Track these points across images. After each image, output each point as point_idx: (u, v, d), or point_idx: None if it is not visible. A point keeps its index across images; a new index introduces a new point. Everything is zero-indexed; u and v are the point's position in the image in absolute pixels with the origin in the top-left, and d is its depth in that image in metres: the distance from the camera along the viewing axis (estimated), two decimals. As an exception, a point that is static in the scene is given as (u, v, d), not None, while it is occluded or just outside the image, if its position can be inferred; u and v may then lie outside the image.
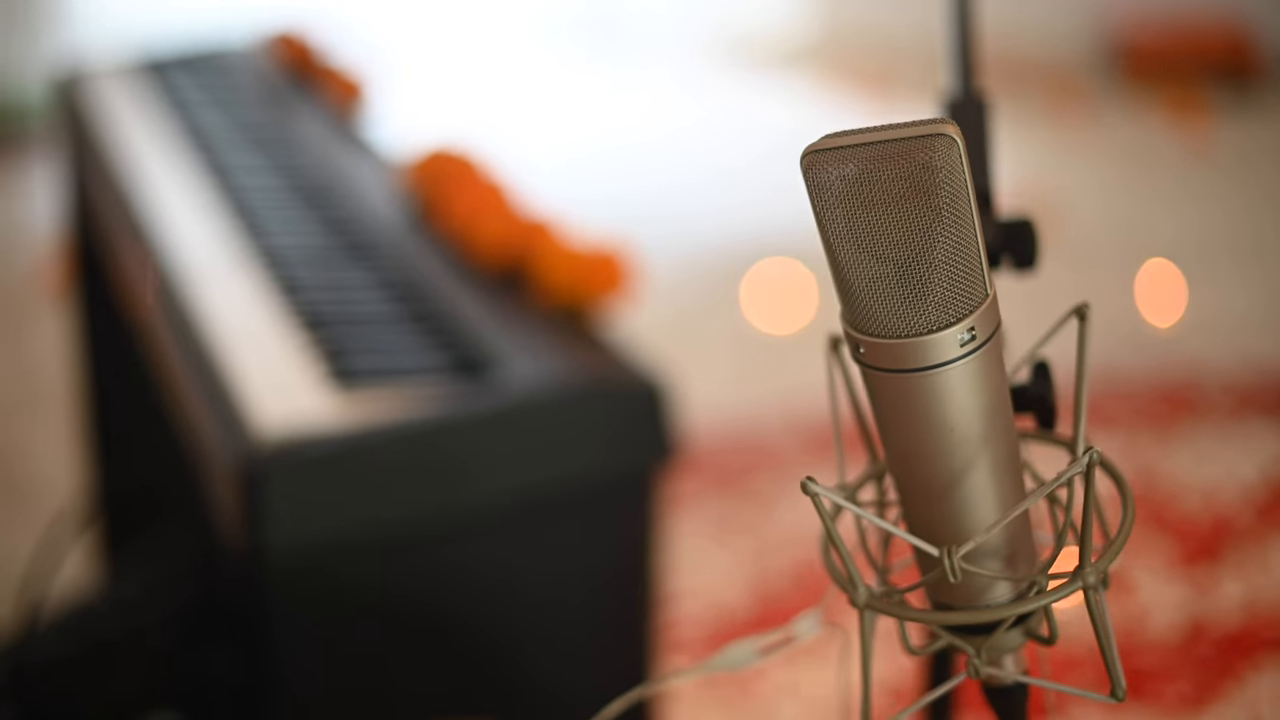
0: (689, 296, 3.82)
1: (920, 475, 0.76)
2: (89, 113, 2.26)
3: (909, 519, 0.79)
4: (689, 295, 3.83)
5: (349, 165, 2.04)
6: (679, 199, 4.38)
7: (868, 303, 0.71)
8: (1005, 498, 0.76)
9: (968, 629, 0.81)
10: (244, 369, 1.42)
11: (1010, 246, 0.94)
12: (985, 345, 0.72)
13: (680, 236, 4.16)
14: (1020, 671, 0.84)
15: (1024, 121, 5.21)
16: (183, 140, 2.13)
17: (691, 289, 3.87)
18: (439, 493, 1.33)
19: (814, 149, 0.70)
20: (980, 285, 0.70)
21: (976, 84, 1.06)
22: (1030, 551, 0.81)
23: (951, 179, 0.68)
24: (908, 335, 0.71)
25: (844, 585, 0.78)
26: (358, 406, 1.36)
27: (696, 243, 4.13)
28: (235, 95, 2.38)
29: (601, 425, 1.39)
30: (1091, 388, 3.24)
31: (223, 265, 1.68)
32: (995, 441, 0.75)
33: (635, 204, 4.46)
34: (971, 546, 0.74)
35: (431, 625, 1.36)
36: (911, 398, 0.73)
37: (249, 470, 1.28)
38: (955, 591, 0.79)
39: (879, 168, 0.68)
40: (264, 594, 1.30)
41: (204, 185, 1.94)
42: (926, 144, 0.67)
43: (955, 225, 0.68)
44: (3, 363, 3.50)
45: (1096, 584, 0.76)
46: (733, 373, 3.39)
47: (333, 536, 1.30)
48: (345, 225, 1.82)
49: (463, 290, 1.61)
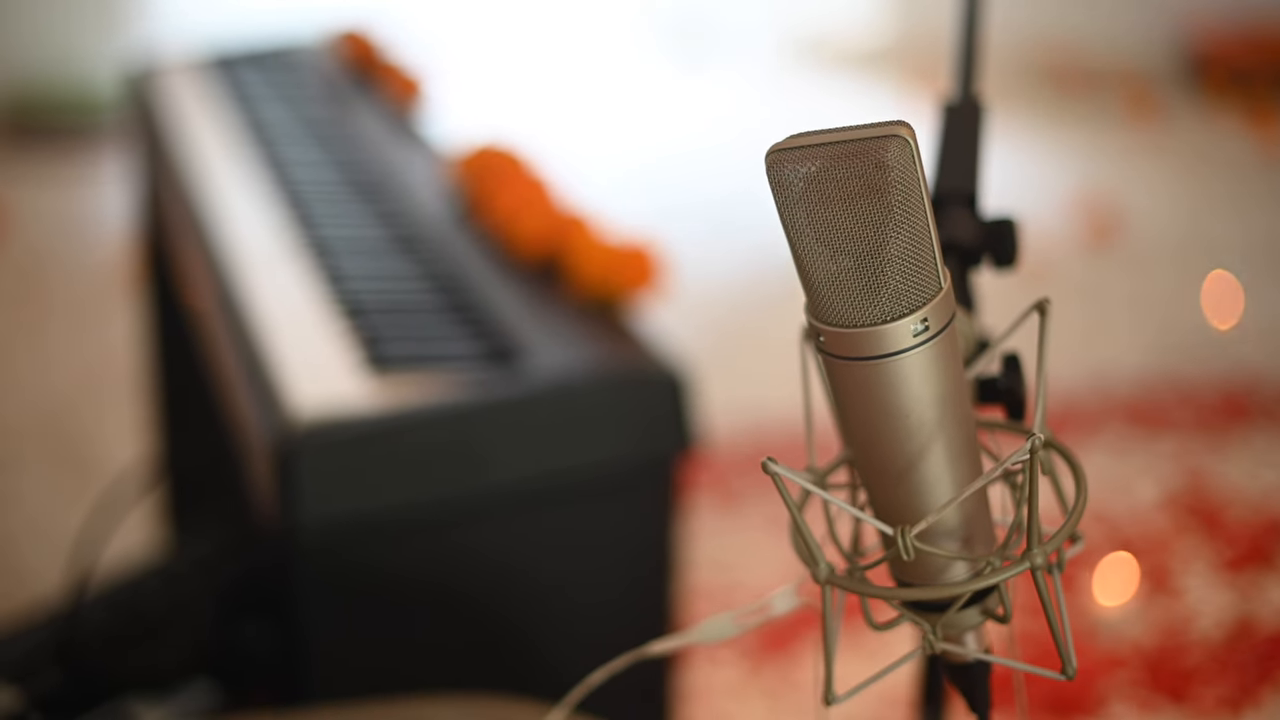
0: (756, 297, 3.87)
1: (879, 459, 0.80)
2: (158, 107, 2.34)
3: (872, 502, 0.83)
4: (756, 295, 3.88)
5: (404, 160, 2.11)
6: (747, 201, 4.43)
7: (827, 294, 0.75)
8: (961, 481, 0.80)
9: (925, 607, 0.85)
10: (284, 353, 1.48)
11: (991, 245, 0.98)
12: (938, 336, 0.76)
13: (749, 236, 4.21)
14: (981, 650, 0.88)
15: (1099, 126, 5.21)
16: (246, 134, 2.20)
17: (758, 290, 3.92)
18: (466, 475, 1.39)
19: (777, 148, 0.74)
20: (934, 279, 0.75)
21: (975, 88, 1.09)
22: (989, 534, 0.85)
23: (903, 178, 0.72)
24: (863, 325, 0.75)
25: (807, 561, 0.83)
26: (390, 391, 1.41)
27: (763, 244, 4.17)
28: (300, 91, 2.46)
29: (624, 414, 1.43)
30: (1150, 390, 3.25)
31: (274, 254, 1.74)
32: (950, 428, 0.79)
33: (707, 206, 4.51)
34: (924, 526, 0.78)
35: (456, 605, 1.41)
36: (868, 385, 0.77)
37: (282, 449, 1.33)
38: (914, 571, 0.83)
39: (836, 166, 0.72)
40: (294, 570, 1.36)
41: (263, 178, 2.01)
42: (880, 144, 0.72)
43: (907, 221, 0.73)
44: (77, 351, 3.60)
45: (1044, 565, 0.79)
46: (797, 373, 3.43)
47: (362, 515, 1.36)
48: (395, 218, 1.88)
49: (500, 282, 1.66)
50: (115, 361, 3.41)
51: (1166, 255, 4.11)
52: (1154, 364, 3.42)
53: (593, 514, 1.45)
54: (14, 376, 3.48)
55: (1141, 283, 3.92)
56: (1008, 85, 5.65)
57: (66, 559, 1.98)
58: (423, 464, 1.37)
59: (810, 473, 0.89)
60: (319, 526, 1.34)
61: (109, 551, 2.36)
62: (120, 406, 3.20)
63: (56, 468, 3.00)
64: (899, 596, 0.81)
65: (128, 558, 1.93)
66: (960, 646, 0.87)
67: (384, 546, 1.38)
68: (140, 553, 2.25)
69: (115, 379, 3.35)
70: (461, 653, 1.42)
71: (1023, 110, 5.42)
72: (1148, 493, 2.87)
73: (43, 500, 2.84)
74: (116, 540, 2.54)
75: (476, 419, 1.39)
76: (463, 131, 2.21)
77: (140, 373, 2.76)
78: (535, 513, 1.43)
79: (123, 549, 2.51)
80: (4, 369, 3.51)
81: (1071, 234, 4.25)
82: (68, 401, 3.34)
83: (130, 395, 3.13)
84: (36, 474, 2.99)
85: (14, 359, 3.57)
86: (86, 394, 3.37)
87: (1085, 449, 3.04)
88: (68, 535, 1.89)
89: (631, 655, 0.95)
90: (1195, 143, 5.10)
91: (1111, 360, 3.46)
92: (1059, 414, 3.19)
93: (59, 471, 2.98)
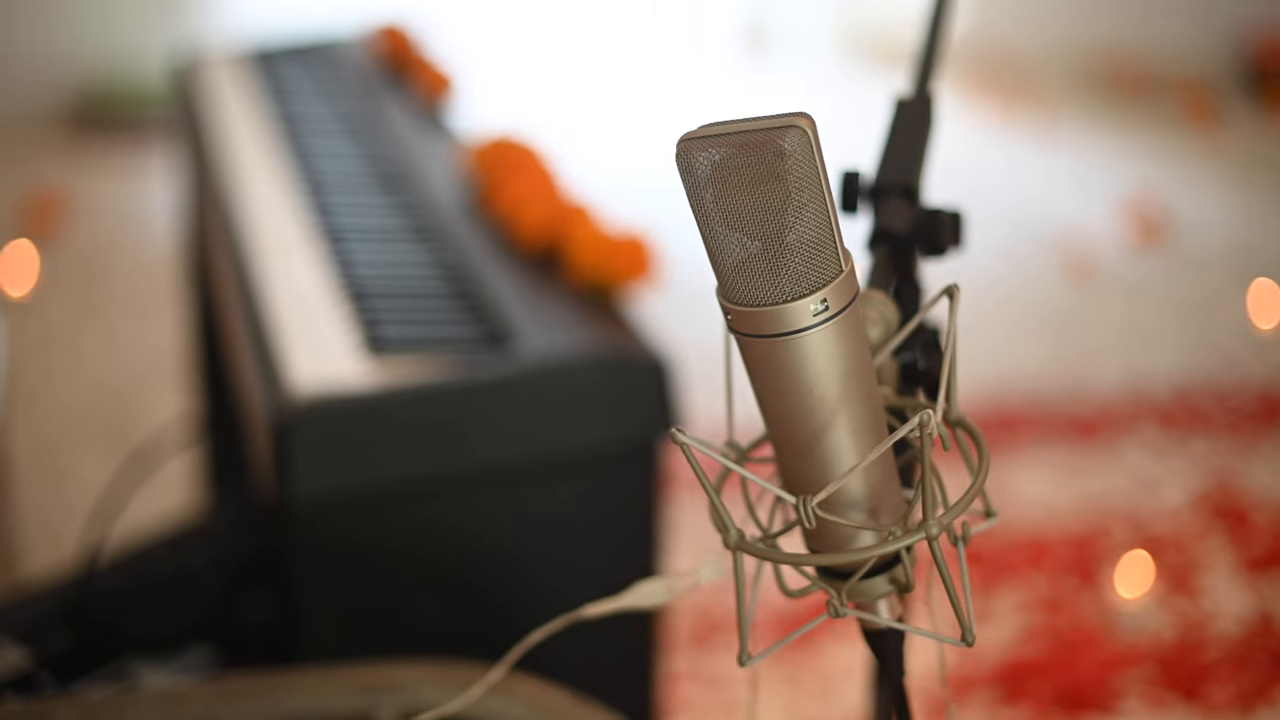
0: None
1: (787, 433, 0.84)
2: (200, 99, 2.41)
3: (785, 474, 0.87)
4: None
5: (427, 154, 2.17)
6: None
7: (733, 275, 0.80)
8: (865, 455, 0.84)
9: (836, 575, 0.89)
10: (289, 333, 1.55)
11: (924, 234, 1.02)
12: (838, 316, 0.80)
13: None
14: (895, 619, 0.92)
15: (1156, 131, 5.20)
16: (278, 126, 2.27)
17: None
18: (455, 453, 1.44)
19: (687, 137, 0.79)
20: (834, 262, 0.79)
21: (930, 86, 1.13)
22: (896, 506, 0.89)
23: (800, 165, 0.76)
24: (767, 304, 0.79)
25: (718, 528, 0.87)
26: (386, 371, 1.47)
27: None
28: (337, 85, 2.52)
29: (609, 397, 1.48)
30: (1187, 392, 3.26)
31: (289, 240, 1.81)
32: (852, 403, 0.83)
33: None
34: (824, 496, 0.83)
35: (443, 577, 1.47)
36: (772, 361, 0.81)
37: (279, 423, 1.40)
38: (824, 541, 0.87)
39: (740, 154, 0.77)
40: (289, 540, 1.42)
41: (289, 168, 2.08)
42: (780, 134, 0.76)
43: (806, 206, 0.77)
44: (134, 336, 3.70)
45: (938, 535, 0.83)
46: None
47: (354, 489, 1.42)
48: (412, 209, 1.94)
49: (502, 269, 1.72)
50: (171, 347, 3.50)
51: (1214, 260, 4.11)
52: (1193, 366, 3.43)
53: (578, 492, 1.50)
54: (74, 360, 3.58)
55: (1186, 286, 3.92)
56: (1070, 90, 5.65)
57: (85, 524, 2.06)
58: (413, 441, 1.43)
59: (730, 447, 0.93)
60: (312, 498, 1.40)
61: (147, 512, 2.45)
62: (173, 391, 3.29)
63: (110, 449, 3.09)
64: (799, 562, 0.85)
65: (167, 518, 2.00)
66: (873, 614, 0.91)
67: (375, 519, 1.44)
68: (179, 514, 2.33)
69: (170, 364, 3.44)
70: (447, 623, 1.47)
71: (1082, 114, 5.42)
72: (1178, 492, 2.88)
73: (95, 479, 2.92)
74: (157, 501, 2.64)
75: (465, 399, 1.44)
76: (489, 125, 2.27)
77: (188, 361, 2.83)
78: (521, 490, 1.48)
79: (163, 509, 2.60)
80: (65, 352, 3.61)
81: (1121, 235, 4.25)
82: (123, 385, 3.43)
83: (183, 380, 3.21)
84: (90, 454, 3.08)
85: (74, 343, 3.67)
86: (142, 378, 3.46)
87: (1119, 447, 3.05)
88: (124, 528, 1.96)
89: (568, 618, 0.99)
90: (1250, 150, 5.08)
91: (1151, 361, 3.47)
92: (1095, 411, 3.21)
93: (112, 452, 3.06)
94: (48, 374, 3.50)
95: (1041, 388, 3.35)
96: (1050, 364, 3.48)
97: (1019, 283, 4.01)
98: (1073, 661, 2.37)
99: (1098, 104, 5.51)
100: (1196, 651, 2.39)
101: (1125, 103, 5.50)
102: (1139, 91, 5.52)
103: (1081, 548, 2.69)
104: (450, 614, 1.47)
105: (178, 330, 3.42)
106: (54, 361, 3.57)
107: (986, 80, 5.69)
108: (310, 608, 1.44)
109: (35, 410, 3.30)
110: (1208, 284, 3.94)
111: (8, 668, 1.41)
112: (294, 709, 1.20)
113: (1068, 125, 5.31)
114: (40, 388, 3.42)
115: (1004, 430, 3.14)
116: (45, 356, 3.59)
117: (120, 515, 1.60)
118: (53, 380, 3.47)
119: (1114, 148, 5.08)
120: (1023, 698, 2.32)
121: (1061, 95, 5.60)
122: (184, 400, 3.13)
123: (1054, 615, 2.50)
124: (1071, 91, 5.64)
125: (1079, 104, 5.52)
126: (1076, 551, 2.67)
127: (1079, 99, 5.57)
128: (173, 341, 3.48)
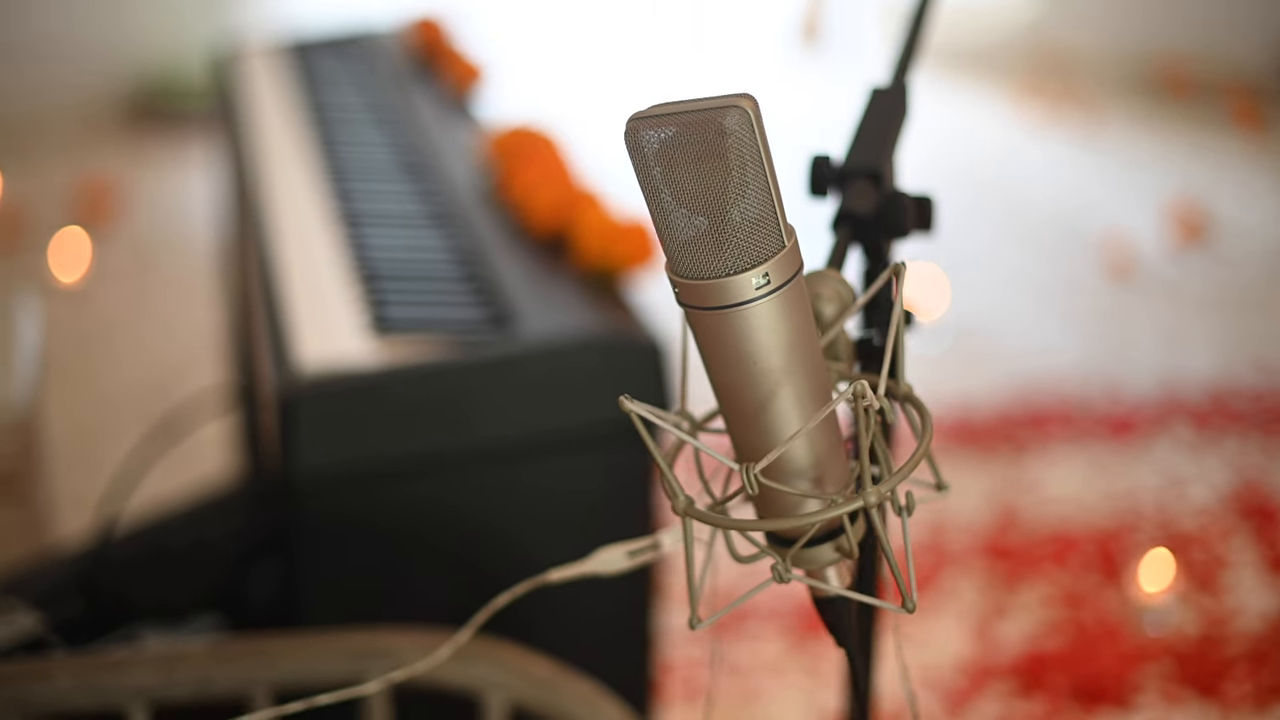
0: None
1: (734, 403, 0.88)
2: (237, 90, 2.47)
3: (734, 443, 0.90)
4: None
5: (450, 142, 2.21)
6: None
7: (679, 248, 0.83)
8: (813, 426, 0.87)
9: (782, 542, 0.92)
10: (300, 312, 1.59)
11: (886, 217, 1.05)
12: (780, 289, 0.83)
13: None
14: (843, 587, 0.95)
15: (1203, 135, 5.17)
16: (310, 115, 2.32)
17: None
18: (455, 429, 1.48)
19: (636, 116, 0.82)
20: (776, 237, 0.82)
21: (907, 76, 1.16)
22: (842, 476, 0.92)
23: (741, 143, 0.80)
24: (710, 277, 0.83)
25: (668, 494, 0.90)
26: (390, 351, 1.51)
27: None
28: (370, 76, 2.57)
29: (606, 377, 1.52)
30: (1221, 392, 3.26)
31: (308, 223, 1.85)
32: (796, 375, 0.86)
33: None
34: (766, 463, 0.86)
35: (442, 550, 1.51)
36: (717, 333, 0.85)
37: (285, 399, 1.44)
38: (771, 509, 0.90)
39: (685, 132, 0.80)
40: (292, 512, 1.47)
41: (316, 155, 2.12)
42: (722, 113, 0.80)
43: (747, 183, 0.80)
44: (181, 326, 3.76)
45: (876, 503, 0.86)
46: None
47: (356, 464, 1.46)
48: (431, 195, 1.98)
49: (512, 254, 1.76)
50: (214, 334, 3.56)
51: (1254, 262, 4.09)
52: (1229, 367, 3.42)
53: (574, 470, 1.54)
54: (120, 346, 3.65)
55: (1225, 287, 3.91)
56: (1117, 92, 5.63)
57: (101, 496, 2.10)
58: (415, 418, 1.47)
59: (683, 417, 0.96)
60: (315, 472, 1.45)
61: (183, 479, 2.50)
62: (214, 378, 3.34)
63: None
64: (743, 527, 0.88)
65: (205, 483, 2.04)
66: (822, 582, 0.94)
67: (376, 493, 1.48)
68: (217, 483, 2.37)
69: (212, 352, 3.50)
70: (444, 596, 1.51)
71: (1129, 116, 5.40)
72: (1207, 491, 2.88)
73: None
74: (194, 467, 2.70)
75: (466, 378, 1.48)
76: (512, 114, 2.30)
77: (226, 331, 2.88)
78: (520, 468, 1.52)
79: (201, 475, 2.66)
80: (111, 339, 3.68)
81: (1162, 236, 4.24)
82: (166, 372, 3.49)
83: (222, 361, 3.26)
84: (129, 440, 3.14)
85: (121, 330, 3.74)
86: (184, 365, 3.52)
87: (1151, 446, 3.06)
88: (153, 499, 2.01)
89: (532, 581, 1.03)
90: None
91: (1186, 361, 3.46)
92: (1128, 410, 3.21)
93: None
94: (93, 360, 3.57)
95: (1076, 385, 3.35)
96: (1085, 362, 3.48)
97: (1057, 281, 4.01)
98: (1091, 656, 2.38)
99: (1145, 106, 5.49)
100: (1217, 648, 2.39)
101: (1172, 105, 5.48)
102: (1186, 94, 5.50)
103: (1107, 544, 2.70)
104: (448, 588, 1.51)
105: (219, 315, 3.48)
106: (99, 348, 3.64)
107: (1036, 82, 5.68)
108: (311, 579, 1.48)
109: (78, 395, 3.37)
110: (1246, 286, 3.93)
111: (20, 631, 1.46)
112: (285, 672, 1.24)
113: (1114, 127, 5.30)
114: (84, 373, 3.50)
115: (1035, 427, 3.14)
116: (92, 342, 3.66)
117: (138, 487, 1.65)
118: (96, 366, 3.54)
119: (1159, 149, 5.06)
120: (1039, 690, 2.34)
121: (1109, 97, 5.58)
122: (221, 380, 3.18)
123: (1075, 610, 2.51)
124: (1119, 94, 5.62)
125: (1126, 106, 5.50)
126: (1102, 547, 2.68)
127: (1126, 101, 5.55)
128: (216, 329, 3.54)
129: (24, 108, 5.07)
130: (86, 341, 3.66)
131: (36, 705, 1.21)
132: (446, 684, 1.24)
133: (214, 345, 3.49)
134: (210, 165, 4.57)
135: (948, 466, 2.98)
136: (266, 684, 1.24)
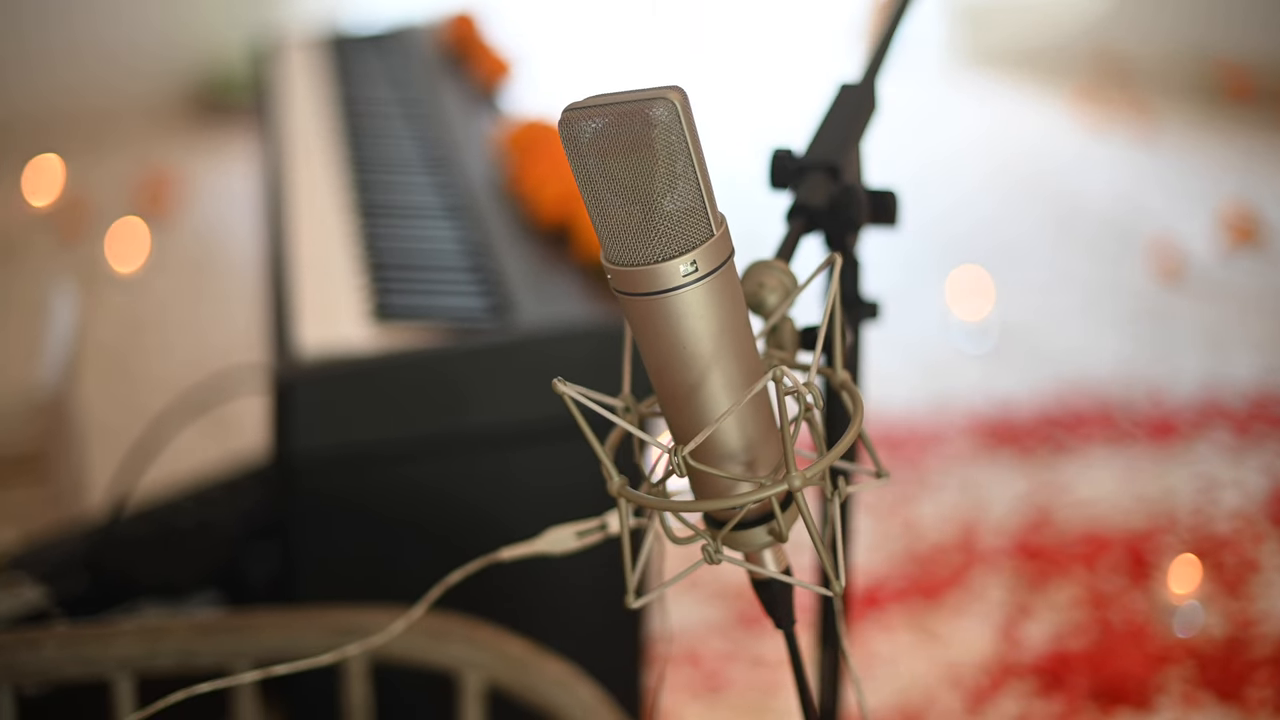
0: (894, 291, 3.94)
1: (666, 387, 0.90)
2: (275, 83, 2.51)
3: (669, 426, 0.92)
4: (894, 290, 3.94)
5: (472, 136, 2.24)
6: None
7: (612, 235, 0.85)
8: (739, 409, 0.89)
9: (717, 525, 0.94)
10: (306, 299, 1.63)
11: (839, 210, 1.06)
12: (709, 277, 0.85)
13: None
14: (781, 571, 0.96)
15: (1259, 140, 5.13)
16: (340, 108, 2.36)
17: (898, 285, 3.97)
18: (448, 415, 1.51)
19: (572, 107, 0.85)
20: (705, 225, 0.84)
21: (877, 75, 1.17)
22: (774, 460, 0.94)
23: (668, 134, 0.82)
24: (640, 264, 0.85)
25: (605, 475, 0.93)
26: (387, 337, 1.55)
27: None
28: (404, 70, 2.61)
29: (597, 365, 1.54)
30: (1264, 397, 3.23)
31: (325, 213, 1.89)
32: (725, 360, 0.88)
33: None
34: (694, 445, 0.88)
35: (434, 532, 1.54)
36: (648, 318, 0.87)
37: (281, 383, 1.48)
38: (705, 491, 0.92)
39: (614, 123, 0.83)
40: (289, 493, 1.50)
41: (341, 148, 2.16)
42: (649, 105, 0.82)
43: (675, 172, 0.82)
44: (225, 319, 3.82)
45: (801, 487, 0.88)
46: (911, 366, 3.50)
47: (351, 447, 1.49)
48: (447, 188, 2.02)
49: (518, 246, 1.78)
50: (251, 333, 3.61)
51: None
52: (1272, 372, 3.40)
53: (565, 456, 1.56)
54: (171, 335, 3.71)
55: (1274, 292, 3.88)
56: (1174, 96, 5.59)
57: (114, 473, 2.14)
58: (410, 403, 1.50)
59: (623, 400, 0.99)
60: (311, 455, 1.48)
61: (217, 454, 2.54)
62: (248, 361, 3.39)
63: (197, 426, 3.19)
64: (673, 508, 0.90)
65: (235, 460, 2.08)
66: (759, 565, 0.96)
67: (371, 476, 1.51)
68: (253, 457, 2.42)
69: (258, 342, 3.55)
70: (435, 577, 1.54)
71: (1185, 120, 5.36)
72: (1243, 496, 2.87)
73: (179, 456, 3.03)
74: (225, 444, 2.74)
75: (460, 365, 1.51)
76: (535, 108, 2.33)
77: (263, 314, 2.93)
78: (512, 453, 1.54)
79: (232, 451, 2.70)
80: (164, 328, 3.75)
81: (1212, 239, 4.21)
82: (217, 362, 3.55)
83: (261, 344, 3.31)
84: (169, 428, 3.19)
85: (174, 320, 3.81)
86: (235, 356, 3.57)
87: (1190, 449, 3.04)
88: (191, 473, 2.05)
89: (485, 559, 1.06)
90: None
91: (1231, 364, 3.44)
92: (1168, 412, 3.20)
93: (194, 426, 3.17)
94: (145, 348, 3.64)
95: (1118, 387, 3.34)
96: (1129, 364, 3.47)
97: (1106, 283, 3.99)
98: (1114, 657, 2.38)
99: (1202, 111, 5.45)
100: (1240, 652, 2.38)
101: (1229, 110, 5.43)
102: (1243, 99, 5.45)
103: (1138, 546, 2.69)
104: (439, 569, 1.53)
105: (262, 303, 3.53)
106: (152, 336, 3.71)
107: (1093, 86, 5.65)
108: (307, 559, 1.51)
109: (126, 381, 3.43)
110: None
111: (25, 604, 1.50)
112: (266, 647, 1.28)
113: (1171, 131, 5.25)
114: (135, 360, 3.56)
115: (1075, 428, 3.14)
116: (145, 330, 3.73)
117: (154, 464, 1.69)
118: (147, 354, 3.60)
119: (1214, 154, 5.02)
120: (1059, 690, 2.34)
121: (1167, 101, 5.54)
122: (262, 379, 3.22)
123: (1102, 611, 2.51)
124: (1177, 98, 5.58)
125: (1184, 110, 5.46)
126: (1132, 550, 2.68)
127: (1184, 105, 5.51)
128: (261, 320, 3.59)
129: (90, 102, 5.17)
130: (139, 329, 3.72)
131: (26, 673, 1.25)
132: (424, 662, 1.27)
133: (262, 332, 3.55)
134: (253, 158, 4.64)
135: (985, 466, 2.98)
136: (249, 658, 1.27)
